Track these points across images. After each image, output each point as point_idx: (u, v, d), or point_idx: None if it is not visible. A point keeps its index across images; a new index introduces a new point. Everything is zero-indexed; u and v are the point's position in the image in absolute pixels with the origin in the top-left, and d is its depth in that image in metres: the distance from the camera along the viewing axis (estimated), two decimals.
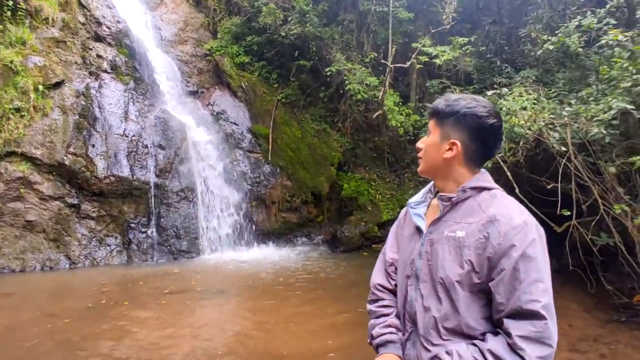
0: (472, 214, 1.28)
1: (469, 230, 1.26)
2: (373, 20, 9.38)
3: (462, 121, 1.32)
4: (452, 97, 1.37)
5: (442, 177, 1.39)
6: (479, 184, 1.32)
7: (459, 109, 1.32)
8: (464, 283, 1.24)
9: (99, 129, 8.01)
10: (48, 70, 7.88)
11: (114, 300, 5.32)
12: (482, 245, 1.22)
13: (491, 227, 1.22)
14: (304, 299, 5.46)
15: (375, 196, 9.50)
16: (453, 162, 1.34)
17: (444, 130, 1.35)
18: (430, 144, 1.39)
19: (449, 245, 1.28)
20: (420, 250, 1.37)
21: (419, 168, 1.45)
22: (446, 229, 1.31)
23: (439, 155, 1.35)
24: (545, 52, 6.48)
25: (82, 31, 9.12)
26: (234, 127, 9.59)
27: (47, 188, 7.38)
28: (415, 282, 1.36)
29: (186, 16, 11.26)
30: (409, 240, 1.45)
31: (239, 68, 10.48)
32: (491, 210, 1.26)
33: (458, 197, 1.32)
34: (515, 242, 1.17)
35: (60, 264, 7.13)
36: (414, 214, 1.45)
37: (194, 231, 8.04)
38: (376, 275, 1.58)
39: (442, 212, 1.34)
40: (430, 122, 1.41)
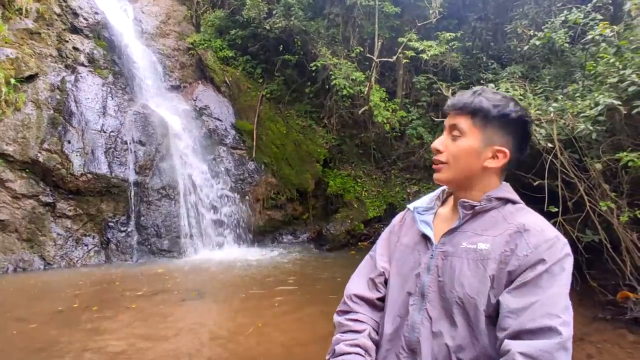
0: (495, 227, 1.13)
1: (493, 242, 1.10)
2: (359, 14, 9.22)
3: (510, 126, 1.15)
4: (494, 96, 1.17)
5: (468, 186, 1.20)
6: (506, 195, 1.17)
7: (509, 112, 1.14)
8: (484, 304, 1.06)
9: (75, 124, 7.71)
10: (21, 63, 7.54)
11: (86, 303, 5.09)
12: (506, 258, 1.06)
13: (519, 238, 1.07)
14: (287, 300, 5.31)
15: (361, 193, 9.39)
16: (491, 172, 1.18)
17: (487, 134, 1.15)
18: (467, 150, 1.16)
19: (469, 258, 1.11)
20: (428, 264, 1.18)
21: (439, 176, 1.21)
22: (464, 241, 1.14)
23: (478, 163, 1.16)
24: (531, 47, 6.43)
25: (58, 22, 8.76)
26: (217, 123, 9.36)
27: (19, 186, 7.07)
28: (420, 302, 1.16)
29: (168, 9, 10.95)
30: (412, 250, 1.25)
31: (223, 62, 10.24)
32: (519, 220, 1.11)
33: (482, 205, 1.16)
34: (545, 256, 1.03)
35: (35, 265, 6.84)
36: (420, 221, 1.26)
37: (175, 230, 7.81)
38: (354, 284, 1.35)
39: (460, 221, 1.17)
40: (460, 120, 1.17)
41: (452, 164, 1.17)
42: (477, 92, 1.18)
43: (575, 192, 5.01)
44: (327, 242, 8.48)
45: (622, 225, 4.53)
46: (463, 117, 1.16)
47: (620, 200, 4.61)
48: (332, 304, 4.54)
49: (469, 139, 1.16)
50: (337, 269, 6.88)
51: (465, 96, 1.17)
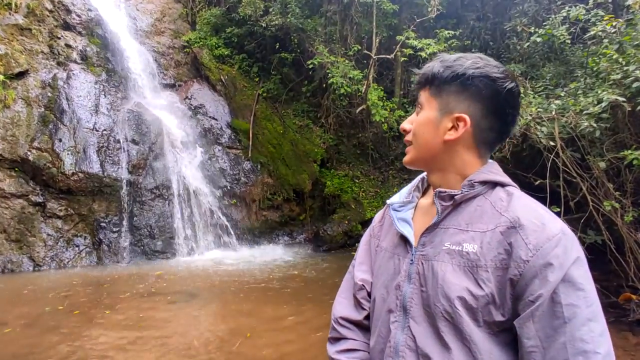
0: (482, 218, 0.90)
1: (482, 242, 0.88)
2: (357, 12, 9.11)
3: (469, 87, 0.94)
4: (450, 56, 0.98)
5: (439, 167, 1.00)
6: (492, 177, 0.95)
7: (465, 71, 0.93)
8: (482, 321, 0.85)
9: (67, 122, 7.54)
10: (10, 59, 7.37)
11: (73, 306, 4.93)
12: (502, 263, 0.85)
13: (514, 236, 0.85)
14: (282, 303, 5.16)
15: (358, 193, 9.27)
16: (457, 146, 0.96)
17: (443, 101, 0.96)
18: (424, 122, 0.99)
19: (453, 263, 0.89)
20: (408, 271, 0.97)
21: (406, 158, 1.04)
22: (447, 240, 0.92)
23: (437, 136, 0.97)
24: (531, 45, 6.33)
25: (50, 19, 8.60)
26: (212, 122, 9.21)
27: (8, 185, 6.90)
28: (403, 318, 0.95)
29: (163, 6, 10.81)
30: (391, 255, 1.03)
31: (219, 61, 10.10)
32: (511, 211, 0.88)
33: (463, 193, 0.93)
34: (552, 259, 0.80)
35: (23, 266, 6.66)
36: (397, 219, 1.04)
37: (169, 231, 7.65)
38: (339, 304, 1.15)
39: (440, 215, 0.95)
40: (421, 94, 1.01)
41: (414, 142, 1.01)
42: (435, 59, 1.01)
43: (578, 191, 4.90)
44: (324, 243, 8.34)
45: (626, 226, 4.41)
46: (423, 89, 1.00)
47: (624, 200, 4.49)
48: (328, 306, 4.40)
49: (427, 110, 0.99)
50: (334, 271, 6.74)
51: (425, 67, 1.01)
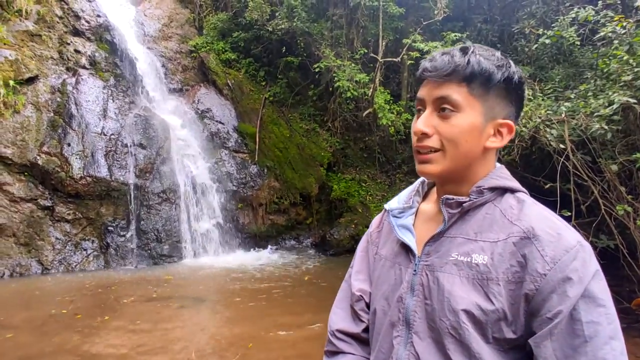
0: (492, 227, 0.84)
1: (493, 253, 0.82)
2: (363, 15, 9.11)
3: (513, 93, 0.88)
4: (491, 53, 0.87)
5: (463, 177, 0.90)
6: (501, 183, 0.88)
7: (513, 74, 0.86)
8: (492, 338, 0.80)
9: (75, 127, 7.61)
10: (20, 65, 7.46)
11: (79, 310, 4.94)
12: (516, 276, 0.79)
13: (529, 247, 0.79)
14: (289, 307, 5.13)
15: (365, 197, 9.22)
16: (491, 154, 0.90)
17: (489, 104, 0.86)
18: (468, 129, 0.85)
19: (461, 275, 0.83)
20: (411, 282, 0.90)
21: (431, 168, 0.89)
22: (454, 250, 0.86)
23: (479, 144, 0.87)
24: (540, 47, 6.26)
25: (59, 25, 8.70)
26: (219, 126, 9.24)
27: (18, 189, 6.96)
28: (405, 333, 0.89)
29: (171, 12, 10.90)
30: (392, 264, 0.96)
31: (225, 65, 10.15)
32: (524, 220, 0.82)
33: (472, 201, 0.87)
34: (571, 273, 0.75)
35: (32, 270, 6.70)
36: (398, 226, 0.97)
37: (175, 235, 7.66)
38: (336, 315, 1.08)
39: (446, 224, 0.88)
40: (451, 90, 0.85)
41: (450, 150, 0.86)
42: (469, 50, 0.87)
43: (589, 195, 4.82)
44: (331, 247, 8.30)
45: (638, 230, 4.32)
46: (454, 85, 0.85)
47: (636, 203, 4.41)
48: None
49: (468, 114, 0.85)
50: (341, 275, 6.68)
51: (454, 57, 0.86)
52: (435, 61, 0.88)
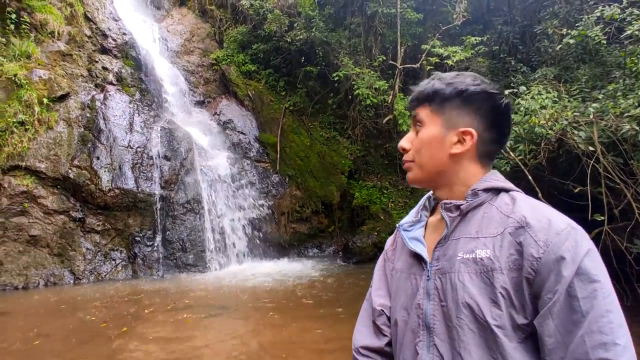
0: (491, 224, 0.92)
1: (494, 246, 0.89)
2: (381, 22, 9.13)
3: (472, 103, 0.99)
4: (447, 75, 1.03)
5: (445, 182, 1.02)
6: (495, 184, 0.98)
7: (466, 87, 0.99)
8: (508, 328, 0.84)
9: (104, 141, 7.88)
10: (53, 84, 7.81)
11: (110, 318, 5.07)
12: (516, 264, 0.85)
13: (523, 235, 0.86)
14: (313, 316, 5.12)
15: (387, 204, 9.15)
16: (462, 159, 1.00)
17: (447, 116, 1.00)
18: (429, 139, 1.01)
19: (470, 272, 0.90)
20: (426, 288, 0.97)
21: (409, 176, 1.06)
22: (460, 250, 0.93)
23: (442, 151, 1.00)
24: (564, 48, 6.12)
25: (88, 44, 9.09)
26: (241, 137, 9.39)
27: (51, 202, 7.24)
28: (427, 337, 0.94)
29: (192, 27, 11.22)
30: (407, 276, 1.03)
31: (246, 77, 10.34)
32: (517, 212, 0.90)
33: (469, 203, 0.96)
34: (564, 253, 0.81)
35: (65, 280, 6.94)
36: (409, 239, 1.06)
37: (200, 244, 7.79)
38: (359, 333, 1.14)
39: (449, 227, 0.97)
40: (420, 111, 1.04)
41: (417, 159, 1.03)
42: (430, 78, 1.05)
43: (622, 198, 4.64)
44: (353, 255, 8.25)
45: None
46: (422, 107, 1.04)
47: None
48: None
49: (429, 127, 1.02)
50: (365, 283, 6.64)
51: (421, 85, 1.05)
52: (412, 92, 1.07)
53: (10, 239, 6.83)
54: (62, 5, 8.82)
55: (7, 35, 7.62)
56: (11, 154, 6.94)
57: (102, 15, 9.56)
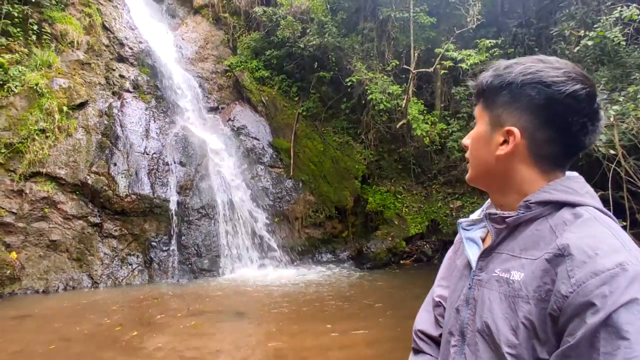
0: (538, 244, 0.81)
1: (530, 270, 0.80)
2: (393, 27, 9.12)
3: (521, 96, 0.85)
4: (505, 63, 0.90)
5: (498, 186, 0.93)
6: (555, 197, 0.83)
7: (514, 78, 0.85)
8: (525, 356, 0.77)
9: (121, 147, 8.03)
10: (72, 92, 8.00)
11: (126, 323, 5.13)
12: (546, 295, 0.76)
13: (561, 266, 0.75)
14: (327, 322, 5.10)
15: (401, 209, 9.09)
16: (512, 162, 0.88)
17: (494, 114, 0.90)
18: (477, 137, 0.93)
19: (500, 292, 0.83)
20: (467, 295, 0.92)
21: (467, 175, 1.00)
22: (498, 266, 0.86)
23: (489, 152, 0.90)
24: (582, 49, 6.01)
25: (106, 53, 9.30)
26: (254, 142, 9.46)
27: (70, 207, 7.39)
28: (461, 344, 0.91)
29: (206, 34, 11.37)
30: (460, 276, 1.00)
31: (259, 82, 10.42)
32: (565, 237, 0.77)
33: (517, 216, 0.85)
34: (594, 298, 0.70)
35: (83, 284, 7.06)
36: (466, 239, 0.99)
37: (215, 249, 7.85)
38: (420, 317, 1.14)
39: (495, 240, 0.90)
40: (476, 108, 0.96)
41: (470, 158, 0.97)
42: (490, 67, 0.94)
43: None
44: (368, 260, 8.20)
45: None
46: (478, 103, 0.96)
47: None
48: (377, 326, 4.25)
49: (478, 125, 0.94)
50: (379, 289, 6.60)
51: (479, 77, 0.96)
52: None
53: (31, 243, 6.98)
54: (82, 15, 9.05)
55: (30, 46, 7.85)
56: (32, 161, 7.12)
57: (120, 24, 9.77)
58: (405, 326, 2.30)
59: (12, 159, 7.09)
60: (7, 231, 6.83)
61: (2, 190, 6.92)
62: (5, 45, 7.61)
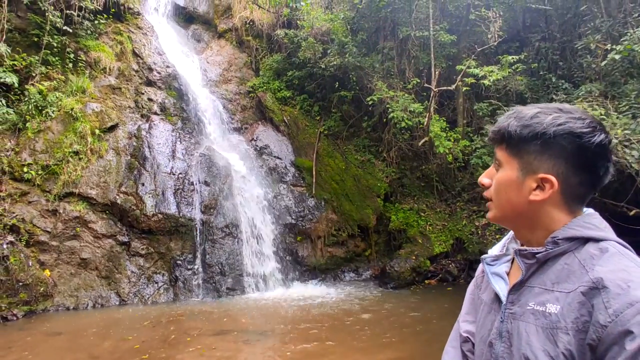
0: (570, 278, 0.87)
1: (564, 303, 0.86)
2: (413, 45, 9.19)
3: (553, 146, 0.91)
4: (526, 111, 0.96)
5: (526, 225, 0.98)
6: (580, 233, 0.91)
7: (545, 129, 0.91)
8: None
9: (149, 168, 8.28)
10: (104, 115, 8.37)
11: (154, 341, 5.20)
12: (584, 326, 0.82)
13: (597, 298, 0.81)
14: (350, 343, 5.02)
15: (425, 228, 8.95)
16: (545, 205, 0.94)
17: (524, 161, 0.95)
18: (506, 182, 0.97)
19: (537, 324, 0.88)
20: (499, 329, 0.96)
21: (489, 214, 1.03)
22: (532, 299, 0.91)
23: (521, 196, 0.95)
24: (609, 63, 5.89)
25: (136, 77, 9.71)
26: (277, 161, 9.58)
27: (100, 226, 7.64)
28: None
29: (230, 57, 11.74)
30: (489, 310, 1.03)
31: (281, 103, 10.62)
32: (596, 271, 0.84)
33: (547, 252, 0.92)
34: (632, 326, 0.76)
35: (111, 302, 7.22)
36: (491, 274, 1.04)
37: (238, 268, 7.91)
38: (447, 354, 1.16)
39: (524, 274, 0.95)
40: (497, 151, 1.00)
41: (495, 199, 1.00)
42: (510, 114, 0.99)
43: None
44: (391, 280, 8.07)
45: None
46: (499, 146, 1.00)
47: None
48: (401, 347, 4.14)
49: (506, 169, 0.98)
50: (403, 310, 6.46)
51: (499, 122, 1.00)
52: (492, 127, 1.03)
53: (63, 261, 7.23)
54: (114, 43, 9.54)
55: (66, 73, 8.31)
56: (66, 182, 7.43)
57: (148, 50, 10.22)
58: (435, 350, 2.27)
59: (47, 180, 7.43)
60: (42, 249, 7.11)
61: (38, 210, 7.24)
62: (45, 73, 8.09)
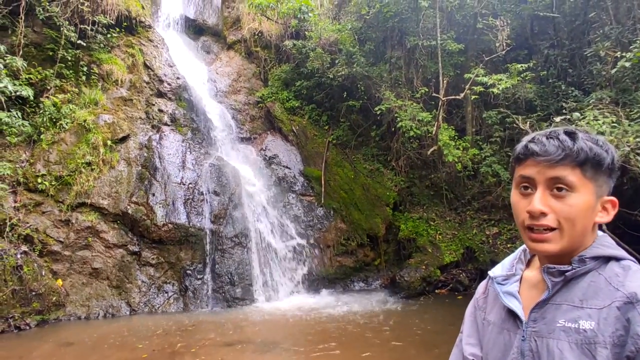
0: (598, 295, 0.91)
1: (599, 319, 0.88)
2: (421, 55, 9.22)
3: (615, 172, 0.99)
4: (597, 137, 0.99)
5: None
6: (604, 252, 0.96)
7: (613, 156, 0.98)
8: None
9: (159, 178, 8.37)
10: (116, 127, 8.51)
11: (165, 352, 5.21)
12: (621, 340, 0.85)
13: (632, 312, 0.85)
14: (360, 354, 4.97)
15: (435, 237, 8.88)
16: (596, 227, 1.01)
17: (598, 184, 0.97)
18: (586, 208, 0.94)
19: (570, 341, 0.89)
20: (521, 348, 0.96)
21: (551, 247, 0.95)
22: (560, 316, 0.93)
23: (592, 220, 0.97)
24: (620, 70, 5.85)
25: (147, 89, 9.87)
26: (286, 171, 9.62)
27: (112, 236, 7.71)
28: None
29: (239, 68, 11.89)
30: (500, 330, 1.04)
31: (290, 112, 10.70)
32: (628, 286, 0.88)
33: (575, 270, 0.94)
34: None
35: (122, 311, 7.25)
36: (503, 293, 1.05)
37: (247, 278, 7.91)
38: None
39: (550, 292, 0.96)
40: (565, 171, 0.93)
41: (568, 229, 0.94)
42: (574, 135, 0.96)
43: None
44: (401, 289, 8.00)
45: None
46: (568, 167, 0.93)
47: None
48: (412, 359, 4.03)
49: (583, 194, 0.94)
50: (415, 320, 6.39)
51: (564, 142, 0.94)
52: (543, 145, 0.96)
53: (75, 271, 7.31)
54: (125, 56, 9.73)
55: (80, 86, 8.48)
56: (79, 192, 7.54)
57: (159, 62, 10.40)
58: None
59: (61, 191, 7.54)
60: (55, 259, 7.20)
61: (52, 221, 7.34)
62: (59, 86, 8.27)
